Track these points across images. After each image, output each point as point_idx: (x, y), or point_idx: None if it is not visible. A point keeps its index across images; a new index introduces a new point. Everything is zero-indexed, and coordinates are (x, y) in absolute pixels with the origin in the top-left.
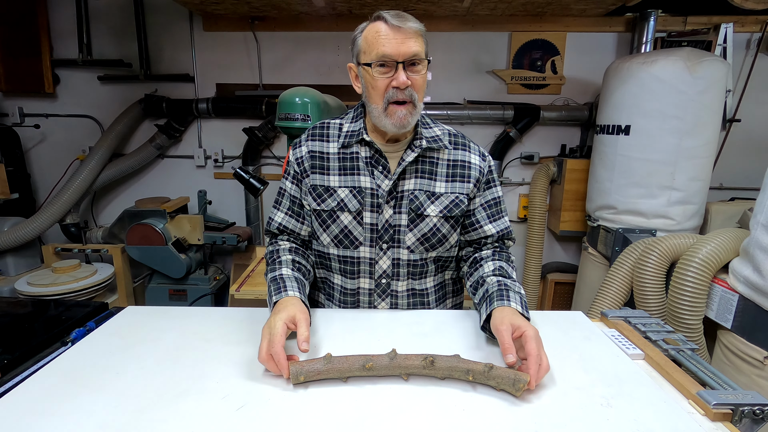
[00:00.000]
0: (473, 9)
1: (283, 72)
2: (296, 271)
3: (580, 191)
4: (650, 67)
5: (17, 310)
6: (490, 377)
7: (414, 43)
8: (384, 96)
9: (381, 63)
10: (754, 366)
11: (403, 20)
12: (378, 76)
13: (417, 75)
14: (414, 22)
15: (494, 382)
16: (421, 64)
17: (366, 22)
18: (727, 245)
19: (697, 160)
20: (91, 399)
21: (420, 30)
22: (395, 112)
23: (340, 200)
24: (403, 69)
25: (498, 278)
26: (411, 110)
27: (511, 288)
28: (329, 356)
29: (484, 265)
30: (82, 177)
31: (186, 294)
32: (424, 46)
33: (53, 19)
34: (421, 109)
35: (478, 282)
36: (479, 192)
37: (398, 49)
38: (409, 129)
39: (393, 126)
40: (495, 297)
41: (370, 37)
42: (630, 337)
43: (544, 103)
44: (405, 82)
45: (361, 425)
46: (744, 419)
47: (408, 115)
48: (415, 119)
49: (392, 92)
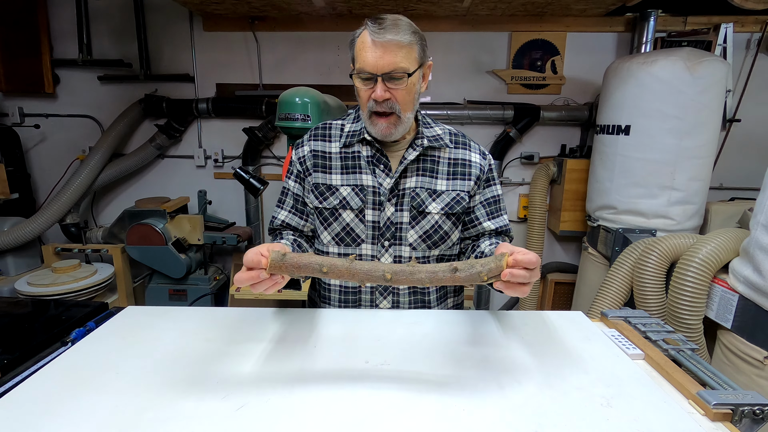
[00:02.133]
0: (473, 9)
1: (283, 72)
2: (294, 243)
3: (580, 191)
4: (650, 67)
5: (17, 310)
6: (473, 264)
7: (394, 56)
8: (367, 106)
9: (361, 76)
10: (754, 366)
11: (383, 33)
12: (360, 86)
13: (398, 87)
14: (396, 35)
15: (478, 267)
16: (401, 78)
17: (361, 28)
18: (727, 245)
19: (697, 160)
20: (91, 399)
21: (404, 42)
22: (377, 123)
23: (343, 198)
24: (382, 82)
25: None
26: (394, 122)
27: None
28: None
29: (481, 244)
30: (82, 177)
31: (186, 294)
32: (411, 55)
33: (53, 19)
34: (409, 118)
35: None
36: (479, 190)
37: (376, 63)
38: (397, 137)
39: (377, 134)
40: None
41: (358, 46)
42: (630, 337)
43: (544, 103)
44: (381, 96)
45: (361, 425)
46: (744, 419)
47: (390, 126)
48: (401, 129)
49: (371, 104)
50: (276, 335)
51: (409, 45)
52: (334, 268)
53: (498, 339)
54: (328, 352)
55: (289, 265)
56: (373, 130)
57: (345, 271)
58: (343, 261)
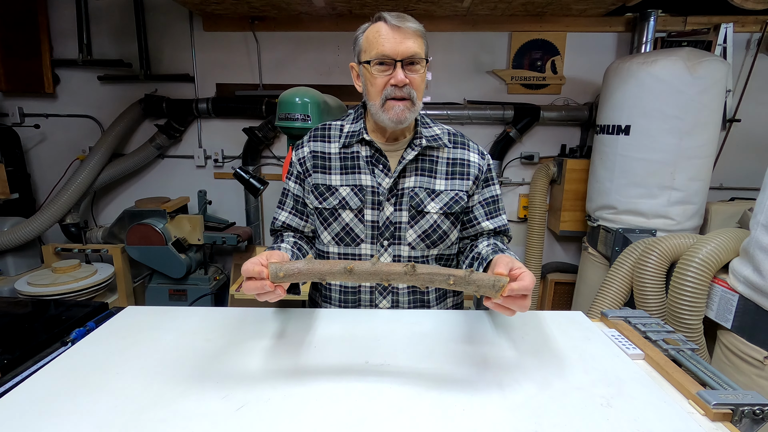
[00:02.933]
0: (473, 9)
1: (283, 72)
2: (294, 247)
3: (580, 191)
4: (650, 67)
5: (17, 310)
6: (470, 281)
7: (413, 43)
8: (382, 93)
9: (380, 61)
10: (754, 366)
11: (402, 20)
12: (377, 74)
13: (415, 74)
14: (413, 23)
15: (474, 287)
16: (419, 64)
17: (368, 23)
18: (727, 245)
19: (697, 160)
20: (91, 399)
21: (419, 31)
22: (393, 106)
23: (342, 198)
24: (401, 67)
25: (492, 247)
26: (409, 106)
27: (504, 250)
28: (310, 258)
29: (479, 244)
30: (82, 177)
31: (186, 294)
32: (423, 46)
33: (53, 19)
34: (420, 107)
35: (473, 257)
36: (478, 189)
37: (397, 48)
38: (407, 125)
39: (390, 121)
40: (489, 254)
41: (371, 36)
42: (630, 337)
43: (544, 103)
44: (403, 80)
45: (361, 425)
46: (744, 419)
47: (405, 110)
48: (412, 116)
49: (390, 90)
50: (276, 335)
51: (423, 35)
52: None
53: (498, 339)
54: (328, 352)
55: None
56: (388, 116)
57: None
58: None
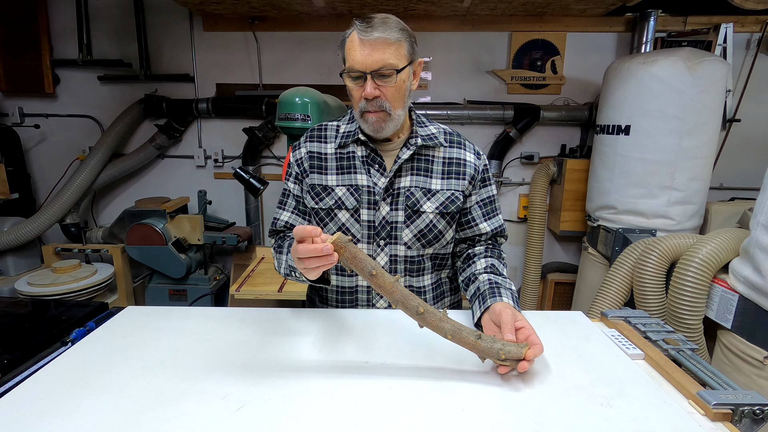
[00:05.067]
0: (473, 9)
1: (283, 72)
2: None
3: (580, 191)
4: (650, 67)
5: (17, 310)
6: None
7: (382, 53)
8: (359, 104)
9: (352, 75)
10: (754, 366)
11: (371, 32)
12: (352, 86)
13: (387, 85)
14: (384, 32)
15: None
16: (390, 76)
17: (350, 29)
18: (727, 245)
19: (697, 160)
20: (91, 399)
21: (391, 39)
22: (367, 117)
23: (338, 198)
24: (371, 80)
25: (489, 276)
26: (384, 117)
27: (502, 285)
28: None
29: (476, 262)
30: (82, 177)
31: (186, 294)
32: (400, 53)
33: (53, 19)
34: (400, 116)
35: (470, 278)
36: (475, 190)
37: (365, 61)
38: (388, 134)
39: (369, 130)
40: (488, 295)
41: (347, 46)
42: (630, 337)
43: (544, 103)
44: (371, 93)
45: (361, 425)
46: (744, 419)
47: (380, 121)
48: (392, 125)
49: (363, 103)
50: (275, 335)
51: (397, 42)
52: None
53: None
54: (327, 352)
55: (349, 252)
56: (365, 126)
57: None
58: (390, 276)
